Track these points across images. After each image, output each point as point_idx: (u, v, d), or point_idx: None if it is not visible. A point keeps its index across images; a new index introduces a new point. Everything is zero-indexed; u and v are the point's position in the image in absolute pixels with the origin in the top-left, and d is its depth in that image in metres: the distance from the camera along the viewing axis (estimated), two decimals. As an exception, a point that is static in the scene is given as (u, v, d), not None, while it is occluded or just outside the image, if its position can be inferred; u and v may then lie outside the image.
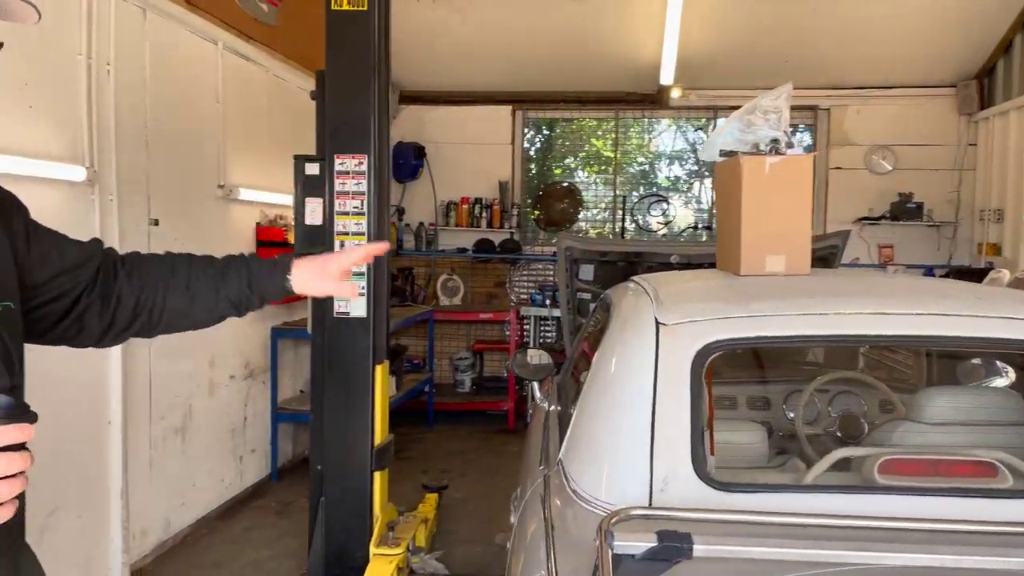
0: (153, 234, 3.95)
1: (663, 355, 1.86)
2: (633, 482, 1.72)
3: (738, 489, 1.67)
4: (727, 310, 1.95)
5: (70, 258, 1.33)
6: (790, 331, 1.89)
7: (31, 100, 3.09)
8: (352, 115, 3.36)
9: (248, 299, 1.45)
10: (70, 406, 3.38)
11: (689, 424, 1.75)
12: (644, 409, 1.80)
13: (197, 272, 1.44)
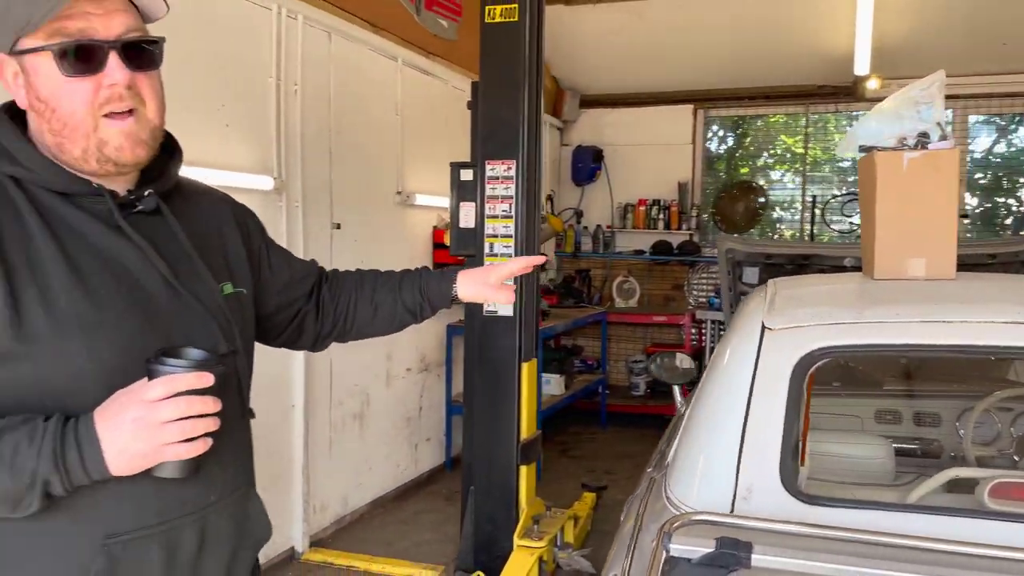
0: (335, 237, 4.36)
1: (763, 361, 1.81)
2: (719, 489, 1.69)
3: (827, 503, 1.59)
4: (839, 315, 1.85)
5: (298, 270, 1.55)
6: (905, 340, 1.75)
7: (227, 119, 3.54)
8: (502, 122, 3.51)
9: (421, 306, 1.60)
10: (260, 391, 3.78)
11: (781, 433, 1.69)
12: (737, 416, 1.76)
13: (379, 284, 1.61)
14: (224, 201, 1.47)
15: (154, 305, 1.16)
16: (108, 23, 1.10)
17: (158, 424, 1.02)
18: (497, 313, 3.57)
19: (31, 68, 1.11)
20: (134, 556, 1.13)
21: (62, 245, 1.10)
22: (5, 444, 1.00)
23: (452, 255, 3.72)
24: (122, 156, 1.14)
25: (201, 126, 3.40)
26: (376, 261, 4.49)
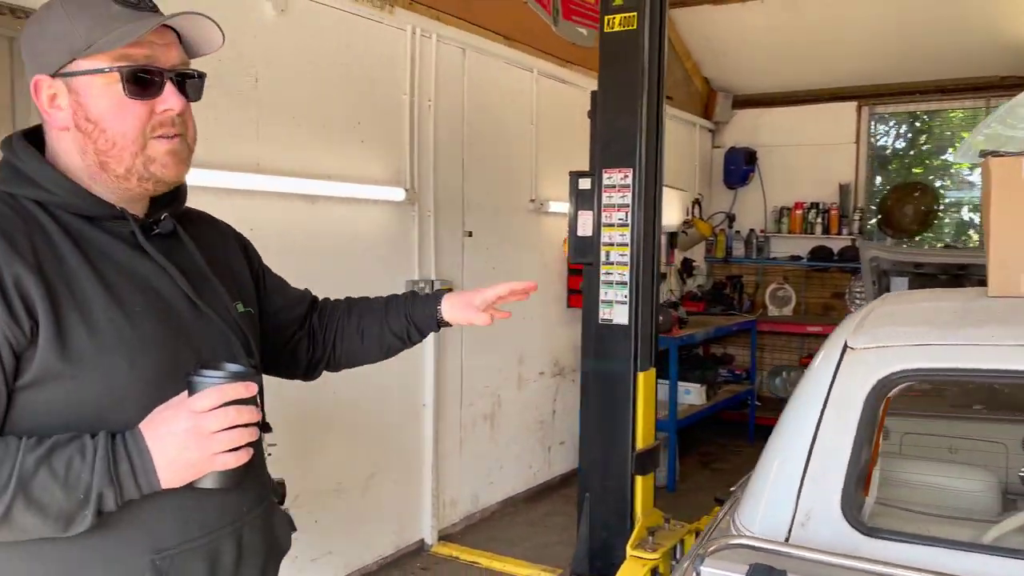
0: (467, 244, 4.53)
1: (839, 382, 1.73)
2: (779, 514, 1.64)
3: (889, 536, 1.50)
4: (927, 336, 1.73)
5: (292, 297, 1.60)
6: (999, 365, 1.60)
7: (363, 135, 3.80)
8: (619, 131, 3.51)
9: (408, 331, 1.62)
10: (393, 389, 4.06)
11: (847, 460, 1.61)
12: (805, 439, 1.70)
13: (365, 311, 1.64)
14: (225, 228, 1.53)
15: (182, 322, 1.22)
16: (167, 54, 1.19)
17: (208, 434, 1.07)
18: (612, 321, 3.57)
19: (83, 88, 1.15)
20: (180, 569, 1.16)
21: (94, 266, 1.15)
22: (57, 461, 1.02)
23: (570, 263, 3.77)
24: (167, 173, 1.20)
25: (339, 143, 3.67)
26: (508, 267, 4.70)
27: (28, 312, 1.06)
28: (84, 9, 1.15)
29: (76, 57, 1.14)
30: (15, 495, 1.00)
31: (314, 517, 3.65)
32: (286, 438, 3.48)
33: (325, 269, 3.60)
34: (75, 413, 1.09)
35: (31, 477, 1.01)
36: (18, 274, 1.06)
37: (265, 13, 3.29)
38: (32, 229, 1.12)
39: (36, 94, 1.18)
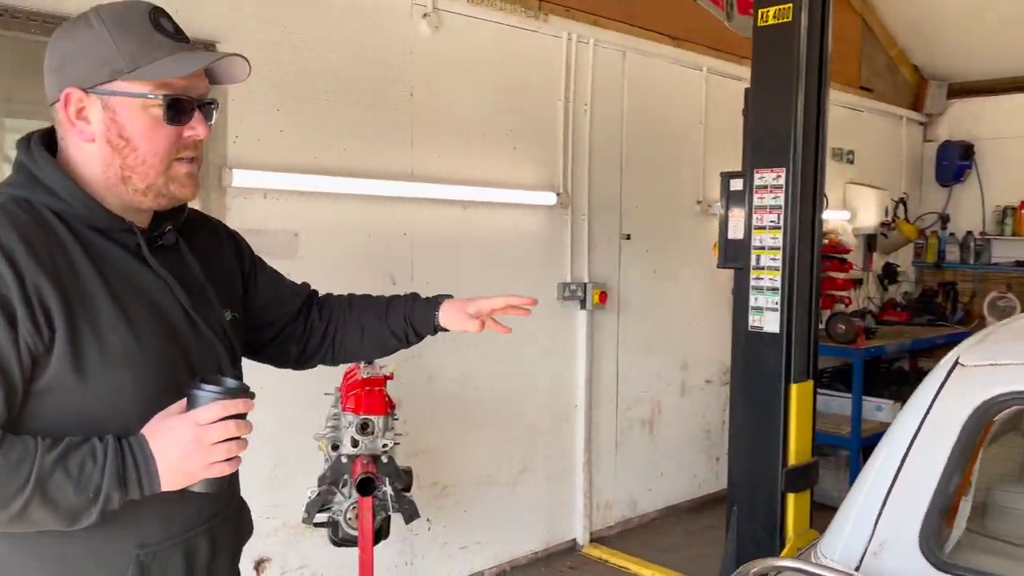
0: (624, 247, 4.52)
1: (941, 401, 1.58)
2: (856, 542, 1.53)
3: (963, 573, 1.33)
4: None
5: (285, 292, 1.63)
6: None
7: (515, 142, 3.92)
8: (771, 129, 3.34)
9: (407, 332, 1.64)
10: (544, 389, 4.16)
11: (934, 486, 1.47)
12: (895, 461, 1.56)
13: (367, 308, 1.66)
14: (217, 226, 1.57)
15: (179, 336, 1.28)
16: (198, 84, 1.26)
17: (208, 445, 1.15)
18: (763, 329, 3.40)
19: (120, 107, 1.21)
20: (160, 564, 1.25)
21: (105, 279, 1.20)
22: (72, 463, 1.10)
23: (719, 267, 3.63)
24: (183, 192, 1.28)
25: (491, 150, 3.82)
26: (669, 269, 4.63)
27: (47, 322, 1.12)
28: (128, 33, 1.20)
29: (117, 78, 1.19)
30: (33, 493, 1.08)
31: (463, 507, 3.82)
32: (435, 430, 3.69)
33: (476, 271, 3.77)
34: (80, 419, 1.16)
35: (48, 477, 1.08)
36: (39, 284, 1.11)
37: (421, 31, 3.51)
38: (50, 239, 1.17)
39: (64, 105, 1.21)
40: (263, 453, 3.08)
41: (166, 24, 1.24)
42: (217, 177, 2.92)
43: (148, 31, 1.21)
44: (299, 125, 3.13)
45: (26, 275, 1.11)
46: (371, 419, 2.56)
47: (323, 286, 3.18)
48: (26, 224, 1.15)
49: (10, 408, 1.12)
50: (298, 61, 3.12)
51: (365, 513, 2.47)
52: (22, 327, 1.10)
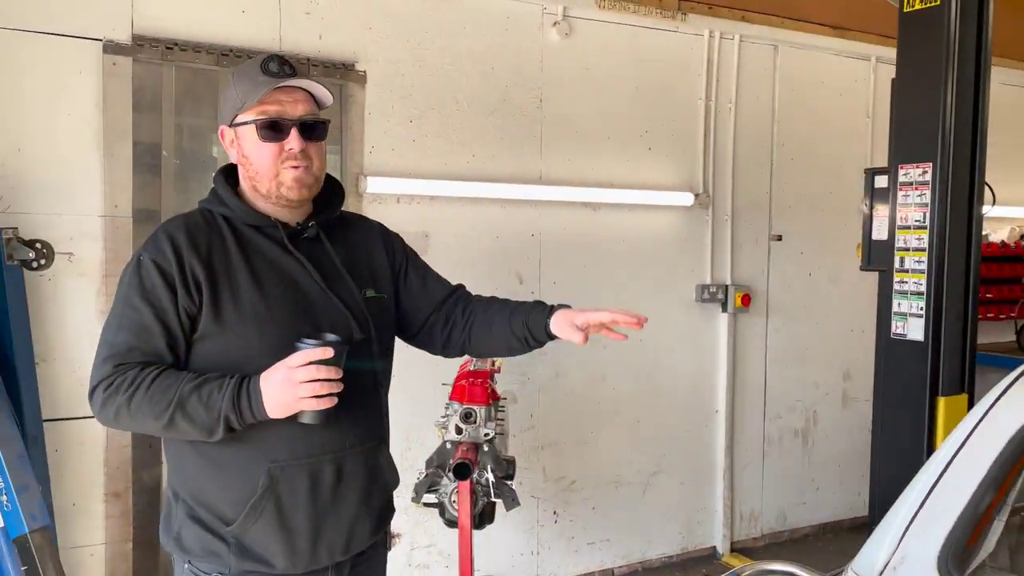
0: (774, 248, 4.34)
1: (992, 415, 1.47)
2: (880, 553, 1.45)
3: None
4: None
5: (432, 286, 1.90)
6: None
7: (650, 143, 3.93)
8: (917, 121, 3.10)
9: (526, 337, 1.78)
10: (680, 392, 4.12)
11: (965, 503, 1.37)
12: (933, 475, 1.47)
13: (499, 310, 1.84)
14: (374, 227, 1.89)
15: (309, 303, 1.62)
16: (294, 108, 1.60)
17: (296, 383, 1.46)
18: (905, 337, 3.16)
19: (241, 134, 1.62)
20: (288, 478, 1.58)
21: (249, 261, 1.60)
22: (204, 390, 1.48)
23: (862, 269, 3.41)
24: (291, 193, 1.61)
25: (623, 152, 3.86)
26: (826, 272, 4.42)
27: (197, 289, 1.55)
28: (242, 79, 1.62)
29: (238, 113, 1.61)
30: (176, 408, 1.47)
31: (591, 504, 3.89)
32: (563, 426, 3.79)
33: (606, 271, 3.82)
34: (223, 361, 1.55)
35: (187, 398, 1.48)
36: (192, 264, 1.56)
37: (551, 39, 3.63)
38: (213, 234, 1.62)
39: (222, 138, 1.69)
40: (396, 437, 3.34)
41: (272, 66, 1.59)
42: (354, 184, 3.23)
43: (257, 74, 1.59)
44: (430, 135, 3.37)
45: (183, 256, 1.55)
46: (473, 409, 2.71)
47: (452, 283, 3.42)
48: (195, 223, 1.62)
49: (172, 351, 1.54)
50: (427, 75, 3.36)
51: (464, 495, 2.63)
52: (180, 292, 1.53)
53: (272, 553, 1.59)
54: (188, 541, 1.60)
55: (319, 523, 1.62)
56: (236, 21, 2.98)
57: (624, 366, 3.93)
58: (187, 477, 1.62)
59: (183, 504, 1.62)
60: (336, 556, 1.67)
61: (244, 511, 1.57)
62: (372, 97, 3.24)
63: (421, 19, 3.34)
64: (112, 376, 1.51)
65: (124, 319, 1.54)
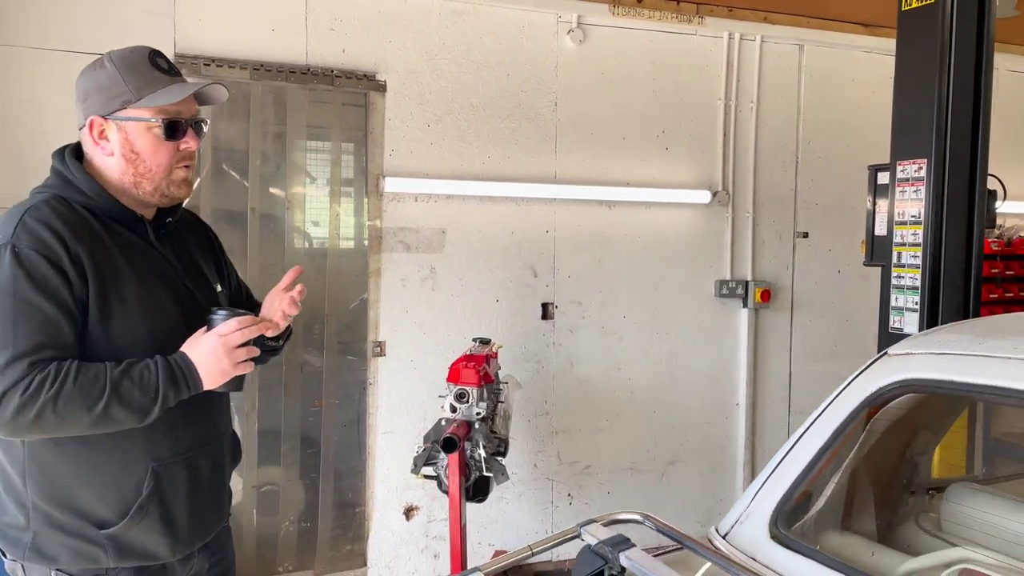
0: (800, 245, 4.39)
1: (852, 387, 1.62)
2: (736, 511, 1.63)
3: (797, 548, 1.39)
4: (953, 346, 1.49)
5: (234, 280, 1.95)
6: (980, 380, 1.31)
7: (667, 143, 4.06)
8: (911, 117, 3.15)
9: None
10: (699, 385, 4.23)
11: (804, 466, 1.53)
12: (791, 442, 1.63)
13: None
14: (198, 220, 1.92)
15: (182, 300, 1.66)
16: (189, 107, 1.63)
17: (232, 349, 1.55)
18: (902, 331, 3.20)
19: (131, 129, 1.57)
20: (170, 473, 1.61)
21: (126, 255, 1.57)
22: (134, 373, 1.48)
23: (865, 265, 3.45)
24: (180, 192, 1.65)
25: (639, 151, 4.01)
26: (856, 271, 4.37)
27: (83, 280, 1.49)
28: (133, 71, 1.57)
29: (127, 107, 1.56)
30: (111, 396, 1.45)
31: (606, 488, 4.06)
32: (577, 413, 3.98)
33: (623, 265, 3.99)
34: (107, 351, 1.52)
35: (119, 384, 1.46)
36: (78, 252, 1.49)
37: (566, 46, 3.83)
38: (86, 223, 1.55)
39: (90, 129, 1.59)
40: (414, 417, 3.64)
41: (162, 63, 1.62)
42: (375, 184, 3.53)
43: (148, 69, 1.59)
44: (447, 138, 3.64)
45: (69, 245, 1.49)
46: (466, 389, 2.96)
47: (468, 276, 3.72)
48: (65, 214, 1.53)
49: (79, 344, 1.49)
50: (444, 83, 3.62)
51: (453, 467, 2.88)
52: (74, 282, 1.48)
53: (155, 546, 1.61)
54: (52, 549, 1.55)
55: (197, 511, 1.68)
56: (267, 38, 3.33)
57: (640, 357, 4.08)
58: (48, 485, 1.54)
59: (37, 512, 1.54)
60: (207, 536, 1.74)
61: (130, 513, 1.56)
62: (392, 104, 3.53)
63: (439, 31, 3.61)
64: (29, 376, 1.41)
65: (19, 315, 1.44)
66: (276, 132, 3.41)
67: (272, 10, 3.34)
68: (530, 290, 3.84)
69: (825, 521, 1.53)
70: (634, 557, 1.36)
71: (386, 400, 3.61)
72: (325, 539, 3.59)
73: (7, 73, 2.99)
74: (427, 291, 3.64)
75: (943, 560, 1.29)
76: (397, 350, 3.61)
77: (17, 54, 3.00)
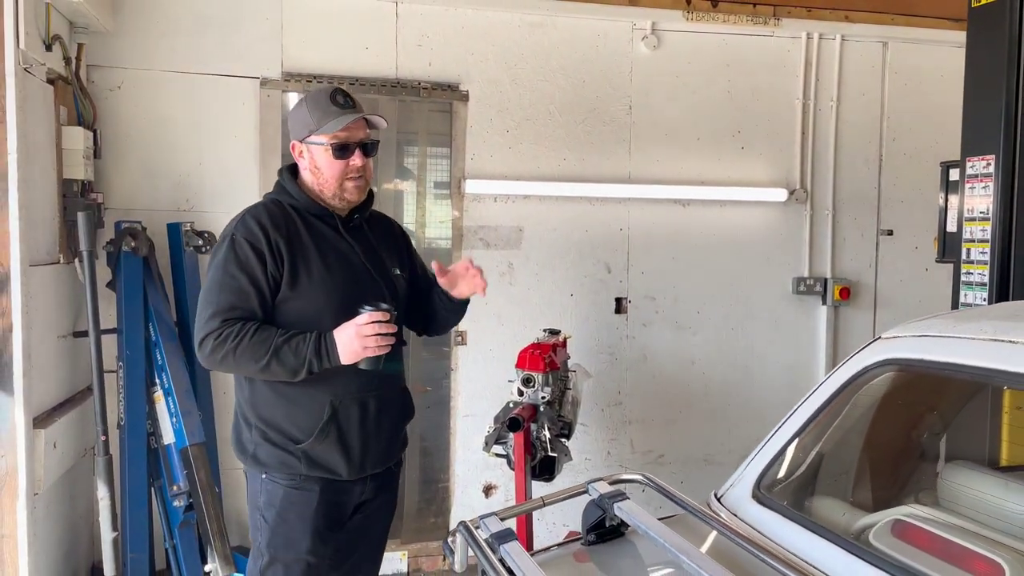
0: (884, 243, 4.37)
1: (845, 366, 1.76)
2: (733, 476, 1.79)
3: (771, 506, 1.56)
4: (937, 328, 1.61)
5: (420, 271, 2.39)
6: (945, 358, 1.43)
7: (743, 142, 4.15)
8: (980, 114, 3.14)
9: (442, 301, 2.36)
10: (776, 380, 4.29)
11: (789, 435, 1.69)
12: (783, 420, 1.79)
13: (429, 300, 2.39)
14: (393, 222, 2.43)
15: (358, 277, 2.12)
16: (357, 133, 2.11)
17: (363, 337, 1.95)
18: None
19: (315, 151, 2.10)
20: (344, 408, 2.08)
21: (315, 242, 2.09)
22: (292, 341, 1.95)
23: (937, 261, 3.45)
24: (352, 197, 2.13)
25: (714, 151, 4.12)
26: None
27: (281, 261, 2.03)
28: (315, 106, 2.11)
29: (311, 133, 2.11)
30: (272, 355, 1.95)
31: (680, 478, 4.19)
32: (650, 404, 4.14)
33: (696, 262, 4.12)
34: (299, 317, 2.04)
35: (280, 347, 1.96)
36: (277, 240, 2.04)
37: (640, 52, 4.00)
38: (288, 219, 2.11)
39: (292, 150, 2.18)
40: (492, 401, 3.90)
41: (340, 99, 2.10)
42: (457, 187, 3.83)
43: (327, 104, 2.09)
44: (525, 142, 3.89)
45: (271, 235, 2.03)
46: (532, 375, 3.20)
47: (543, 271, 3.97)
48: (274, 212, 2.10)
49: (263, 310, 2.02)
50: (523, 91, 3.88)
51: (518, 446, 3.13)
52: (268, 263, 2.01)
53: (335, 463, 2.08)
54: (264, 457, 2.07)
55: (367, 441, 2.13)
56: (362, 56, 3.69)
57: (715, 352, 4.20)
58: (261, 408, 2.08)
59: (256, 430, 2.08)
60: (377, 467, 2.19)
61: (314, 434, 2.04)
62: (473, 112, 3.82)
63: (518, 43, 3.87)
64: (220, 329, 1.96)
65: (224, 285, 1.99)
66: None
67: (366, 31, 3.70)
68: (603, 285, 4.04)
69: (805, 484, 1.68)
70: (625, 508, 1.56)
71: (467, 385, 3.90)
72: (412, 511, 3.92)
73: (143, 93, 3.47)
74: (505, 285, 3.91)
75: (892, 516, 1.41)
76: (477, 340, 3.90)
77: (150, 76, 3.48)
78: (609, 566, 1.59)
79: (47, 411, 2.93)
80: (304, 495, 2.07)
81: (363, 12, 3.69)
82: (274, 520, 2.08)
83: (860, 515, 1.49)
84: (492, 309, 3.89)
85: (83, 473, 3.29)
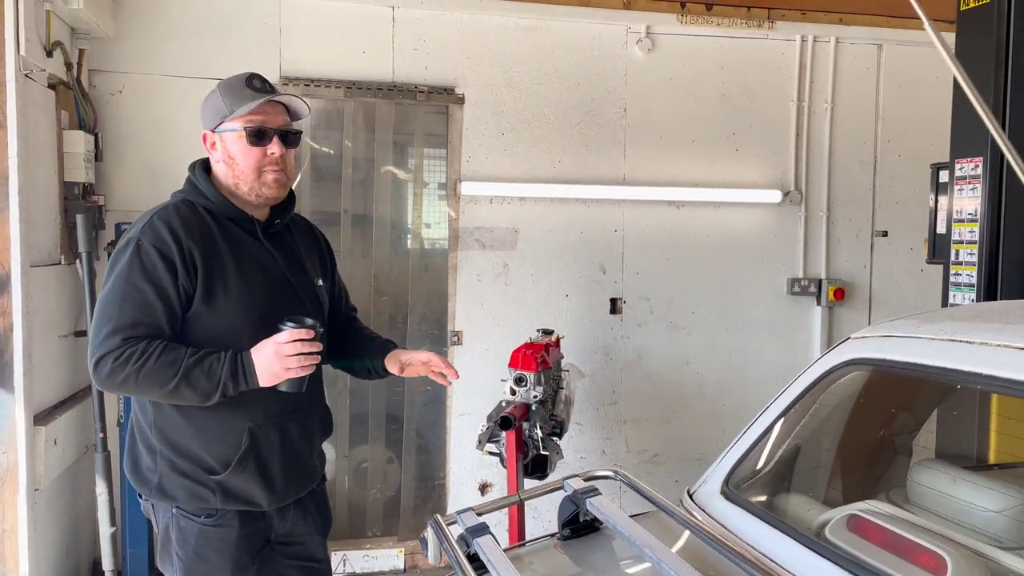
0: (879, 244, 4.39)
1: (815, 365, 1.80)
2: (705, 472, 1.83)
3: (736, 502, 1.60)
4: (904, 329, 1.65)
5: (339, 291, 2.20)
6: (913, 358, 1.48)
7: (737, 144, 4.19)
8: (968, 117, 3.15)
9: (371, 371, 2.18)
10: (771, 380, 4.28)
11: (759, 433, 1.72)
12: (757, 414, 1.82)
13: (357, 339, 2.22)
14: (310, 225, 2.18)
15: (278, 289, 1.89)
16: (275, 119, 1.87)
17: (284, 356, 1.73)
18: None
19: (228, 139, 1.85)
20: (264, 434, 1.87)
21: (232, 251, 1.83)
22: (205, 362, 1.72)
23: (927, 262, 3.48)
24: (271, 192, 1.87)
25: (708, 153, 4.16)
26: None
27: (194, 271, 1.77)
28: (229, 92, 1.87)
29: (223, 120, 1.86)
30: (181, 378, 1.71)
31: (674, 477, 4.23)
32: (644, 404, 4.18)
33: (691, 263, 4.16)
34: (212, 334, 1.80)
35: (191, 369, 1.72)
36: (190, 247, 1.77)
37: (634, 55, 4.04)
38: (201, 223, 1.84)
39: (203, 141, 1.91)
40: (487, 401, 3.95)
41: (256, 83, 1.88)
42: (453, 188, 3.88)
43: (242, 88, 1.87)
44: (520, 144, 3.94)
45: (183, 242, 1.78)
46: (524, 374, 3.25)
47: (538, 272, 4.00)
48: (186, 215, 1.84)
49: (171, 327, 1.78)
50: (518, 94, 3.92)
51: (510, 444, 3.18)
52: (179, 274, 1.76)
53: (255, 495, 1.87)
54: (171, 489, 1.84)
55: (288, 469, 1.92)
56: (358, 60, 3.75)
57: (709, 352, 4.23)
58: (168, 433, 1.84)
59: (162, 457, 1.84)
60: (301, 492, 1.99)
61: (231, 465, 1.82)
62: (469, 115, 3.87)
63: (513, 47, 3.92)
64: (121, 348, 1.71)
65: (127, 297, 1.74)
66: (366, 142, 3.83)
67: (363, 35, 3.76)
68: (599, 286, 4.08)
69: (772, 481, 1.71)
70: (597, 503, 1.61)
71: (462, 385, 3.95)
72: (408, 509, 3.97)
73: (143, 97, 3.54)
74: (500, 286, 3.96)
75: (848, 511, 1.45)
76: (473, 339, 3.95)
77: (151, 81, 3.54)
78: (582, 560, 1.64)
79: (48, 409, 3.00)
80: (222, 531, 1.87)
81: (360, 17, 3.75)
82: (189, 559, 1.86)
83: (822, 511, 1.53)
84: (488, 309, 3.94)
85: (84, 470, 3.36)
